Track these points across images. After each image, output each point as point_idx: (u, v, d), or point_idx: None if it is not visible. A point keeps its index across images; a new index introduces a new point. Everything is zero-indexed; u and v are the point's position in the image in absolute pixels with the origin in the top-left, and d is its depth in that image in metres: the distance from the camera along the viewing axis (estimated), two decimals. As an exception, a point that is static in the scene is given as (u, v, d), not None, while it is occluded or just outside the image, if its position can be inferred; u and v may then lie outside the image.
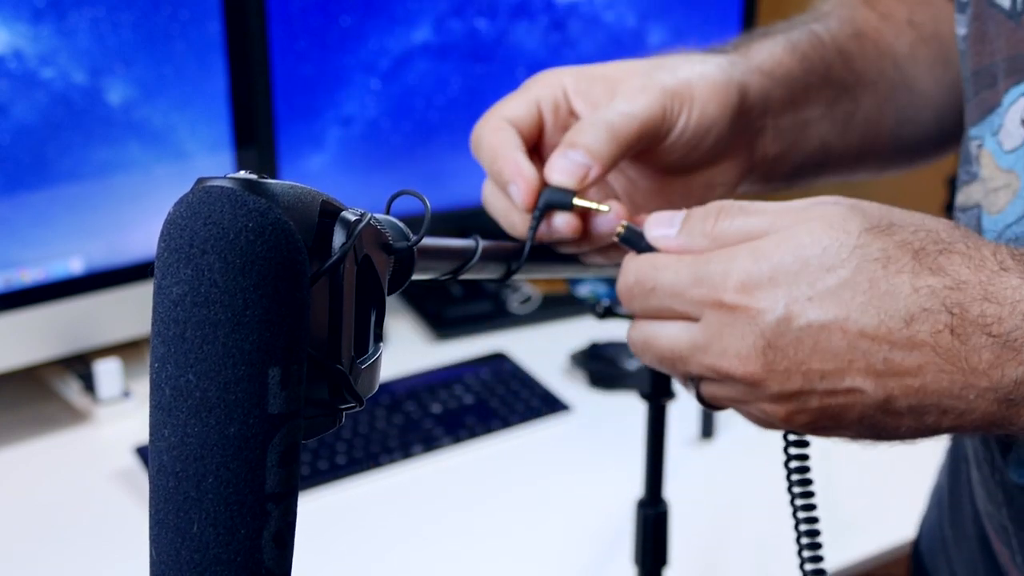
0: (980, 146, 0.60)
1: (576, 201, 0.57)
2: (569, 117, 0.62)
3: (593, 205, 0.58)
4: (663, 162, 0.64)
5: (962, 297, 0.45)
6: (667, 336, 0.50)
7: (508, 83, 1.48)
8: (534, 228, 0.58)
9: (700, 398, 0.51)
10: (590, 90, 0.62)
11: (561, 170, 0.58)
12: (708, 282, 0.48)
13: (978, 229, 0.60)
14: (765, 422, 0.50)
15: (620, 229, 0.54)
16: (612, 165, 0.59)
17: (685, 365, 0.50)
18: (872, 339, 0.45)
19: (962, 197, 0.63)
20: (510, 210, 0.60)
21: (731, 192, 0.67)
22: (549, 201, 0.58)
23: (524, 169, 0.58)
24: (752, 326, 0.46)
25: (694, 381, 0.51)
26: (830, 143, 0.70)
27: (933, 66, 0.73)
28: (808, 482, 0.57)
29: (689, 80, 0.61)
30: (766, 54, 0.66)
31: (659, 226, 0.52)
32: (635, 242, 0.53)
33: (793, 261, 0.46)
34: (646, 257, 0.51)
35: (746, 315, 0.46)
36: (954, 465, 0.75)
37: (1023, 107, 0.57)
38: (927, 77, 0.73)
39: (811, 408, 0.47)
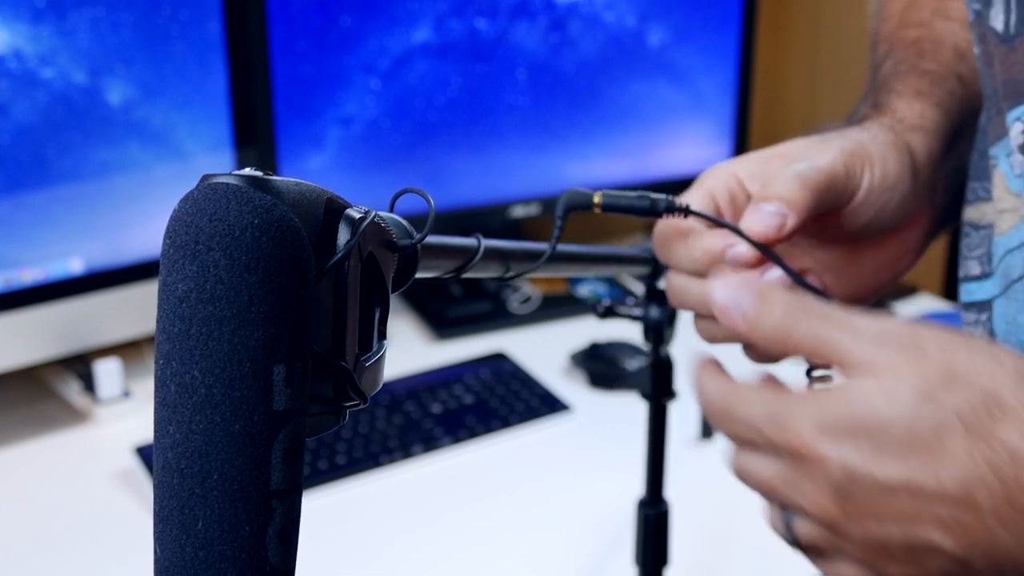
0: (995, 166, 0.60)
1: (693, 208, 0.56)
2: (747, 203, 0.60)
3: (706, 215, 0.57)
4: (851, 228, 0.62)
5: (1015, 471, 0.44)
6: (757, 470, 0.50)
7: (508, 83, 1.48)
8: (560, 228, 0.58)
9: (795, 539, 0.50)
10: (765, 170, 0.61)
11: (758, 222, 0.56)
12: (783, 426, 0.48)
13: (990, 249, 0.60)
14: None
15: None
16: (806, 214, 0.57)
17: (778, 498, 0.49)
18: (935, 498, 0.45)
19: (976, 213, 0.63)
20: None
21: (920, 256, 0.66)
22: (570, 203, 0.58)
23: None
24: (824, 472, 0.46)
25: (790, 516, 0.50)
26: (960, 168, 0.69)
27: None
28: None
29: (862, 141, 0.60)
30: (908, 111, 0.66)
31: (730, 299, 0.50)
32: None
33: (861, 416, 0.46)
34: (720, 384, 0.50)
35: (818, 463, 0.46)
36: None
37: (1020, 132, 0.57)
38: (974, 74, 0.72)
39: (894, 556, 0.46)
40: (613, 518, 1.03)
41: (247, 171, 0.35)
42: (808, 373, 0.53)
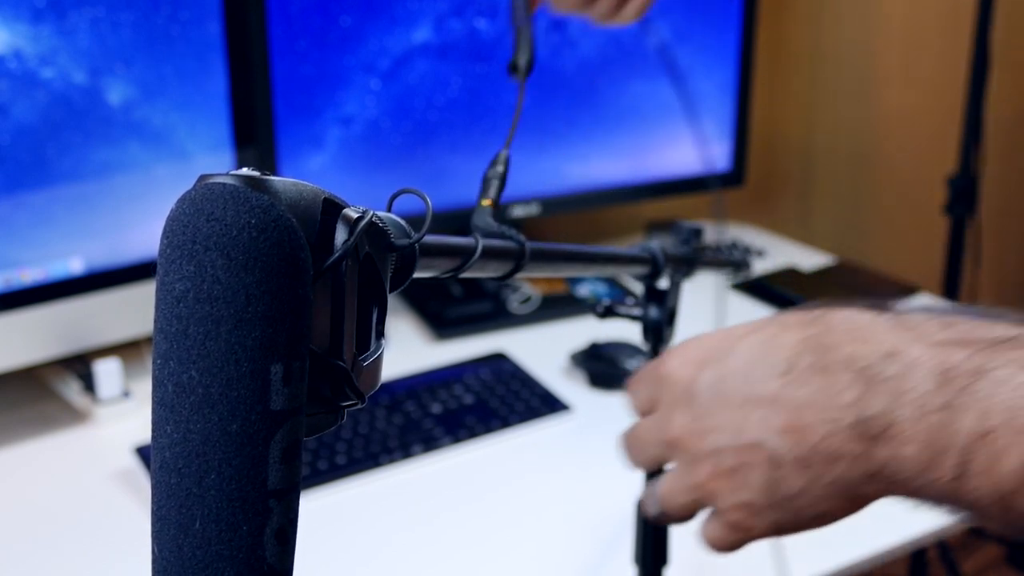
0: None
1: None
2: None
3: None
4: None
5: (832, 339, 0.48)
6: (639, 427, 0.58)
7: (508, 83, 1.48)
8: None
9: (661, 504, 0.58)
10: None
11: None
12: (663, 361, 0.57)
13: None
14: (691, 497, 0.56)
15: None
16: None
17: (649, 434, 0.57)
18: (763, 384, 0.50)
19: None
20: None
21: None
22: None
23: None
24: (683, 386, 0.54)
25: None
26: None
27: None
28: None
29: None
30: None
31: None
32: None
33: (712, 346, 0.54)
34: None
35: (678, 381, 0.54)
36: None
37: None
38: None
39: (725, 472, 0.51)
40: (613, 518, 1.03)
41: (244, 171, 0.35)
42: None
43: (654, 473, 0.61)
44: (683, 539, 0.72)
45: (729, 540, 0.55)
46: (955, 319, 0.47)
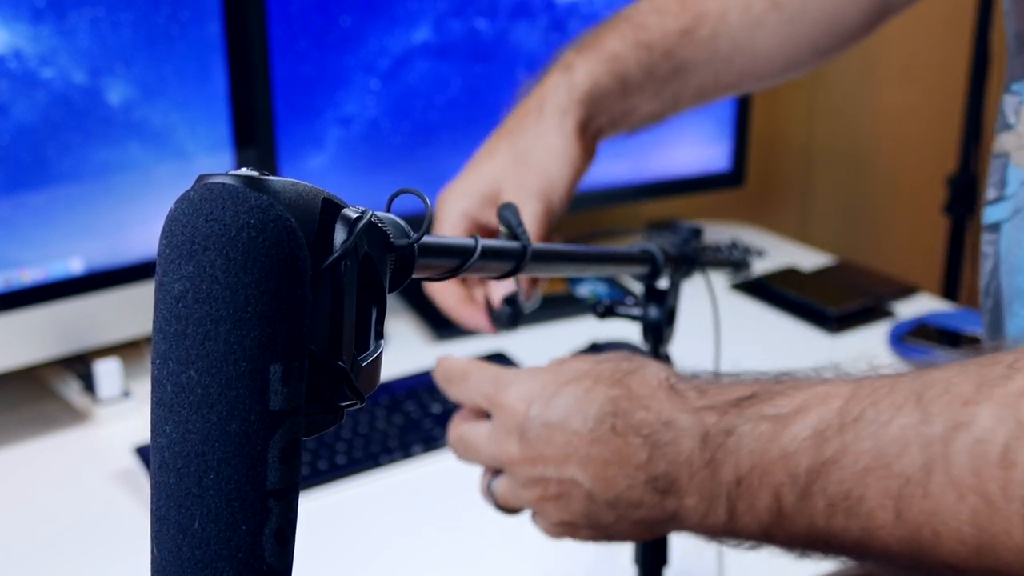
0: (1021, 103, 0.65)
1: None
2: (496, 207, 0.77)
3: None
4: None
5: (628, 404, 0.58)
6: (471, 431, 0.67)
7: (508, 83, 1.48)
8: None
9: (494, 498, 0.66)
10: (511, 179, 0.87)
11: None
12: (499, 391, 0.65)
13: (1004, 176, 0.66)
14: (516, 507, 0.65)
15: None
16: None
17: (484, 452, 0.66)
18: (579, 436, 0.59)
19: (996, 144, 0.69)
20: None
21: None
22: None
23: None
24: (514, 418, 0.62)
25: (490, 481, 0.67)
26: (656, 114, 0.93)
27: (779, 27, 0.92)
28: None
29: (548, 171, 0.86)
30: (589, 79, 0.88)
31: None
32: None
33: (541, 390, 0.63)
34: (458, 360, 0.70)
35: (511, 412, 0.63)
36: None
37: None
38: (773, 38, 0.93)
39: (551, 497, 0.60)
40: (613, 518, 1.03)
41: (243, 171, 0.35)
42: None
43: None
44: (683, 539, 0.72)
45: (554, 537, 0.64)
46: (708, 385, 0.57)
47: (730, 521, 0.54)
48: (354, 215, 0.39)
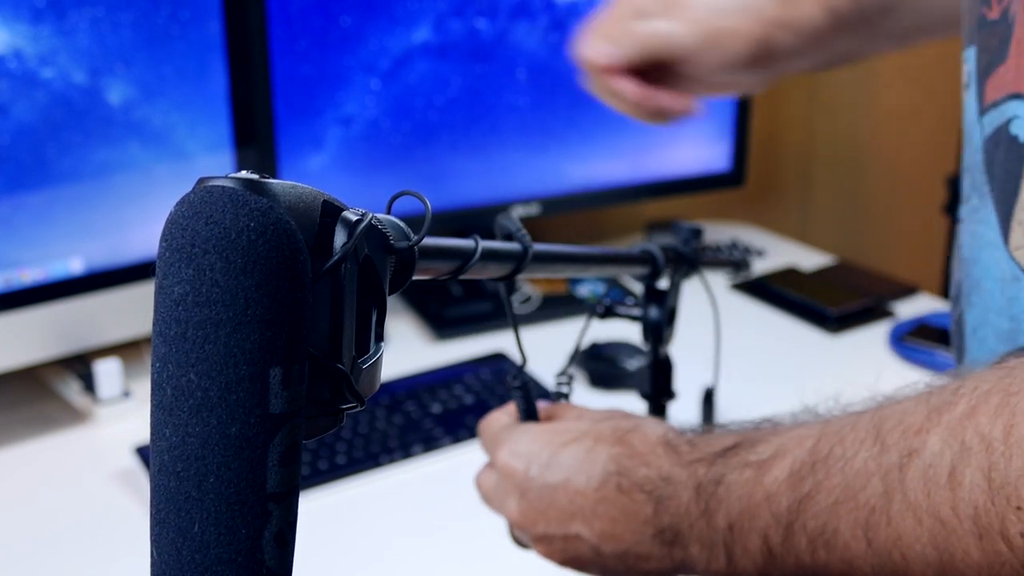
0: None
1: None
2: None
3: None
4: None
5: (630, 462, 0.61)
6: (485, 481, 0.70)
7: (508, 83, 1.48)
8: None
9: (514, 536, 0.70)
10: None
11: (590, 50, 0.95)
12: (498, 448, 0.68)
13: None
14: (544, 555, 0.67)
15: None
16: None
17: (494, 506, 0.69)
18: (582, 494, 0.62)
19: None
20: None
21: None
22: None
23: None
24: (513, 480, 0.65)
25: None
26: (855, 51, 0.97)
27: None
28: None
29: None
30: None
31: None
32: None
33: (540, 448, 0.65)
34: (495, 413, 0.73)
35: (511, 474, 0.65)
36: None
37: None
38: None
39: (558, 550, 0.63)
40: (613, 518, 1.03)
41: (243, 174, 0.35)
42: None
43: None
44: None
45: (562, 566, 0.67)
46: (698, 438, 0.60)
47: (730, 565, 0.57)
48: (354, 217, 0.39)
